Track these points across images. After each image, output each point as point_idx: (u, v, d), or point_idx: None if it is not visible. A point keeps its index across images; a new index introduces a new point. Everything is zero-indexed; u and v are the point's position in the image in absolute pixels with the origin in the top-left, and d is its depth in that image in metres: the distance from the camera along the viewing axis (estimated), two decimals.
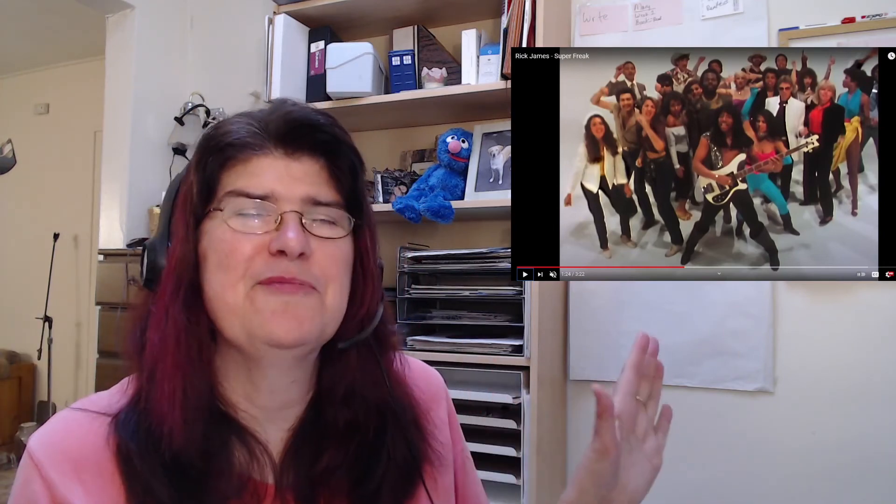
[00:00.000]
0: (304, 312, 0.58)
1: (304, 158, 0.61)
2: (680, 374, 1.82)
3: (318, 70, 2.05)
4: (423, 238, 2.08)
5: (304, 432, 0.63)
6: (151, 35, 2.45)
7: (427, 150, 2.17)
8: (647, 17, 1.93)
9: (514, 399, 1.65)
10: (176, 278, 0.59)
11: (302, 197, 0.59)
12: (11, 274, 4.42)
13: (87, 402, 0.61)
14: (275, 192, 0.58)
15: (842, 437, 1.67)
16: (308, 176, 0.60)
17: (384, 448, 0.64)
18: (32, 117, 4.48)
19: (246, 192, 0.58)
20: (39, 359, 3.77)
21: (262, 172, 0.59)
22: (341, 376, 0.64)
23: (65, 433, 0.57)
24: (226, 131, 0.60)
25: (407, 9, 2.03)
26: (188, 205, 0.61)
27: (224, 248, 0.58)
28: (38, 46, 4.13)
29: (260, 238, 0.58)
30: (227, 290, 0.58)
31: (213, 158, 0.60)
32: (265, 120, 0.61)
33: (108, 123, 2.42)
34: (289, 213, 0.58)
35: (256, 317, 0.57)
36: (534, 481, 1.61)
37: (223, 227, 0.58)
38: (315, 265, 0.59)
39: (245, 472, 0.59)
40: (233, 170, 0.60)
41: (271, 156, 0.60)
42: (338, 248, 0.61)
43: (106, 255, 2.22)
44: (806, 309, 1.73)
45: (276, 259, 0.57)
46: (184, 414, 0.56)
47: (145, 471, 0.55)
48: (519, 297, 1.70)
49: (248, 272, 0.57)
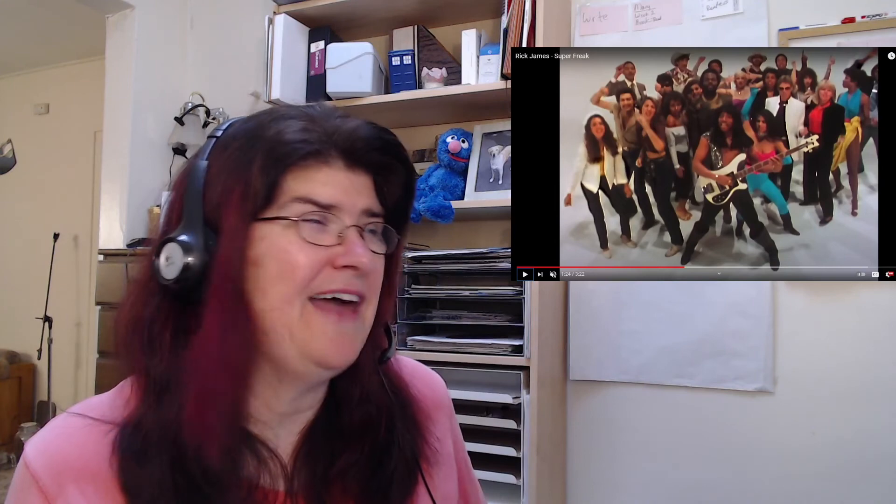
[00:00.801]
0: (355, 338, 0.60)
1: (361, 172, 0.62)
2: (680, 374, 1.82)
3: (318, 70, 2.05)
4: (423, 238, 2.08)
5: (318, 434, 0.63)
6: (151, 35, 2.45)
7: (427, 150, 2.17)
8: (647, 17, 1.93)
9: (514, 399, 1.65)
10: (234, 283, 0.56)
11: (362, 209, 0.60)
12: (11, 274, 4.42)
13: (85, 408, 0.58)
14: (340, 202, 0.59)
15: (842, 437, 1.67)
16: (364, 188, 0.62)
17: (395, 444, 0.65)
18: (32, 117, 4.48)
19: (313, 199, 0.58)
20: (39, 359, 3.76)
21: (328, 182, 0.59)
22: (357, 380, 0.64)
23: (62, 441, 0.55)
24: (290, 138, 0.58)
25: (407, 9, 2.03)
26: (247, 204, 0.56)
27: (288, 258, 0.56)
28: (38, 46, 4.13)
29: (326, 252, 0.57)
30: (285, 304, 0.56)
31: (277, 164, 0.57)
32: (330, 129, 0.60)
33: (108, 123, 2.42)
34: (352, 228, 0.59)
35: (312, 339, 0.57)
36: (534, 481, 1.61)
37: (287, 236, 0.57)
38: (365, 279, 0.60)
39: (255, 482, 0.58)
40: (295, 176, 0.58)
41: (335, 166, 0.60)
42: (380, 264, 0.63)
43: (106, 255, 2.22)
44: (806, 309, 1.73)
45: (340, 272, 0.58)
46: (221, 434, 0.54)
47: (153, 488, 0.53)
48: (519, 297, 1.70)
49: (310, 286, 0.57)
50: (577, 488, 1.94)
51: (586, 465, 1.93)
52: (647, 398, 1.87)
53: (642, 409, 1.88)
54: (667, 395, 1.85)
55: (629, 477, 1.89)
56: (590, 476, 1.93)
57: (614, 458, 1.90)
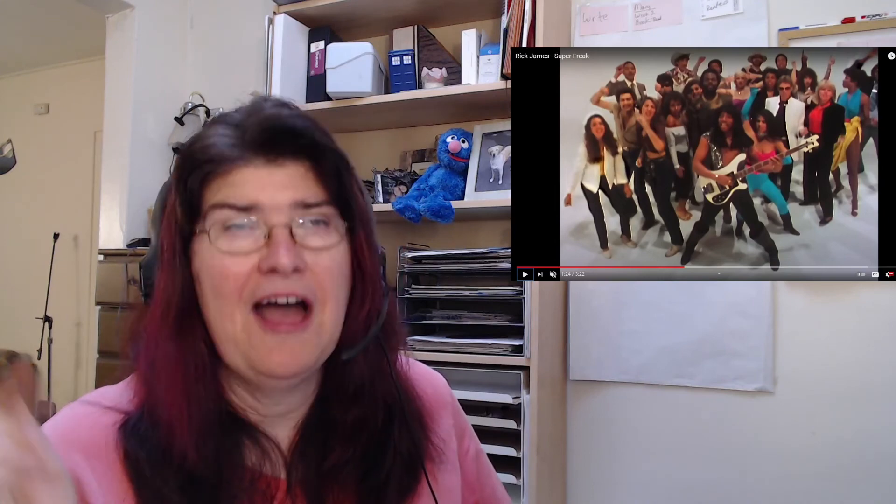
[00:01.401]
0: (299, 348, 0.57)
1: (286, 163, 0.58)
2: (680, 374, 1.82)
3: (318, 70, 2.05)
4: (423, 238, 2.08)
5: (311, 429, 0.63)
6: (151, 35, 2.45)
7: (427, 150, 2.17)
8: (647, 17, 1.92)
9: (514, 399, 1.65)
10: (164, 305, 0.57)
11: (289, 203, 0.57)
12: (11, 274, 4.42)
13: (98, 396, 0.60)
14: (259, 201, 0.56)
15: (842, 437, 1.67)
16: (293, 180, 0.58)
17: (391, 443, 0.64)
18: (32, 117, 4.47)
19: (228, 203, 0.56)
20: (39, 359, 3.76)
21: (243, 182, 0.57)
22: (350, 375, 0.63)
23: (74, 424, 0.57)
24: (203, 146, 0.58)
25: (407, 9, 2.03)
26: (173, 225, 0.58)
27: (214, 273, 0.56)
28: (38, 46, 4.13)
29: (249, 259, 0.56)
30: (226, 319, 0.56)
31: (194, 174, 0.57)
32: (242, 126, 0.58)
33: (108, 123, 2.42)
34: (278, 227, 0.56)
35: (253, 351, 0.56)
36: (534, 481, 1.61)
37: (212, 250, 0.56)
38: (311, 278, 0.57)
39: (257, 469, 0.59)
40: (214, 183, 0.57)
41: (252, 165, 0.57)
42: (332, 259, 0.59)
43: (106, 255, 2.22)
44: (806, 309, 1.73)
45: (269, 277, 0.55)
46: (192, 433, 0.55)
47: (157, 479, 0.54)
48: (519, 297, 1.70)
49: (243, 296, 0.56)
50: (577, 488, 1.94)
51: (586, 465, 1.93)
52: (647, 398, 1.87)
53: (642, 409, 1.88)
54: (667, 395, 1.85)
55: (629, 477, 1.89)
56: (590, 476, 1.93)
57: (614, 458, 1.90)
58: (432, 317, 1.90)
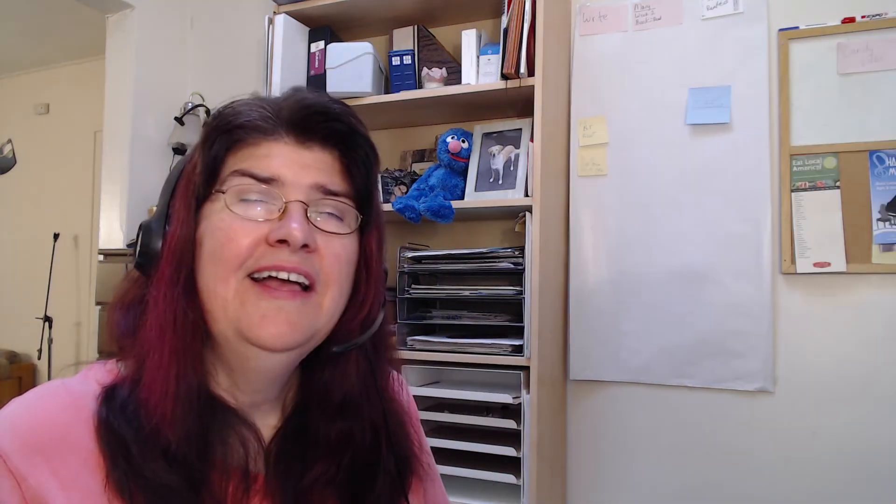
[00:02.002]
0: (296, 318, 0.55)
1: (315, 147, 0.58)
2: (680, 374, 1.82)
3: (318, 70, 2.05)
4: (423, 238, 2.08)
5: (292, 439, 0.61)
6: (151, 35, 2.45)
7: (427, 150, 2.17)
8: (647, 17, 1.92)
9: (514, 399, 1.65)
10: (176, 262, 0.56)
11: (310, 185, 0.57)
12: (11, 274, 4.42)
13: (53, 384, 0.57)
14: (282, 176, 0.56)
15: (842, 437, 1.67)
16: (319, 164, 0.58)
17: (379, 462, 0.62)
18: (32, 117, 4.47)
19: (251, 172, 0.56)
20: (39, 359, 3.76)
21: (270, 155, 0.56)
22: (339, 384, 0.61)
23: (30, 415, 0.53)
24: (237, 112, 0.58)
25: (407, 9, 2.03)
26: (191, 185, 0.57)
27: (220, 236, 0.55)
28: (38, 46, 4.13)
29: (260, 227, 0.55)
30: (219, 283, 0.54)
31: (221, 138, 0.57)
32: (279, 105, 0.58)
33: (108, 123, 2.42)
34: (294, 202, 0.55)
35: (245, 317, 0.54)
36: (534, 481, 1.61)
37: (223, 213, 0.55)
38: (318, 261, 0.56)
39: (236, 458, 0.57)
40: (240, 152, 0.57)
41: (282, 141, 0.57)
42: (343, 247, 0.58)
43: (106, 255, 2.22)
44: (806, 309, 1.73)
45: (276, 249, 0.54)
46: (175, 404, 0.53)
47: (137, 452, 0.52)
48: (519, 297, 1.70)
49: (244, 264, 0.54)
50: (577, 488, 1.94)
51: (586, 465, 1.93)
52: (647, 398, 1.87)
53: (642, 409, 1.88)
54: (667, 395, 1.85)
55: (629, 477, 1.89)
56: (590, 476, 1.93)
57: (614, 458, 1.90)
58: (432, 317, 1.89)
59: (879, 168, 1.67)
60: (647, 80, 1.91)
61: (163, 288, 0.55)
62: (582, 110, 1.98)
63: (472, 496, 1.66)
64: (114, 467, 0.52)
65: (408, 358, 1.78)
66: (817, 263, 1.70)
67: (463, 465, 1.68)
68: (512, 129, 1.88)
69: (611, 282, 1.91)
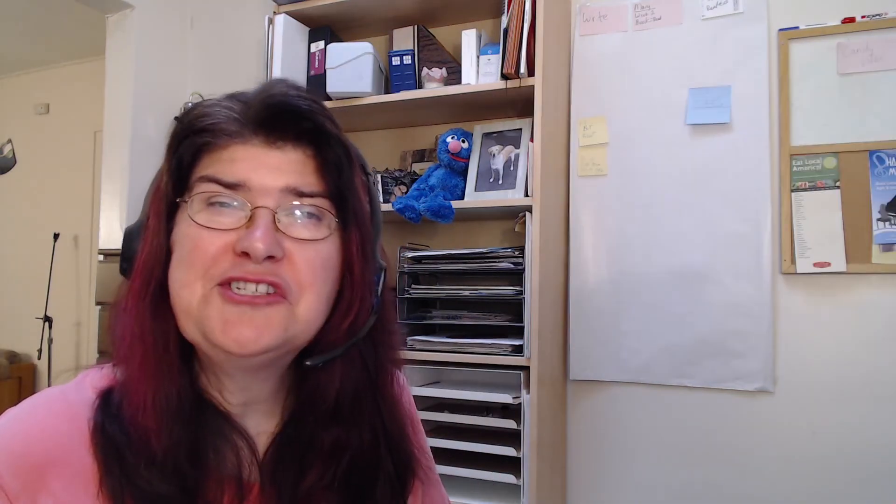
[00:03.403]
0: (261, 322, 0.52)
1: (286, 147, 0.55)
2: (680, 374, 1.82)
3: (318, 70, 2.05)
4: (423, 238, 2.08)
5: (288, 444, 0.59)
6: (151, 35, 2.44)
7: (427, 150, 2.17)
8: (647, 17, 1.92)
9: (514, 399, 1.65)
10: (146, 273, 0.55)
11: (281, 188, 0.54)
12: (11, 274, 4.42)
13: (42, 395, 0.57)
14: (249, 181, 0.53)
15: (842, 437, 1.67)
16: (290, 165, 0.55)
17: (378, 466, 0.61)
18: (32, 117, 4.47)
19: (216, 178, 0.53)
20: (39, 359, 3.77)
21: (237, 159, 0.54)
22: (326, 389, 0.58)
23: (23, 430, 0.52)
24: (202, 114, 0.55)
25: (407, 9, 2.03)
26: (159, 193, 0.56)
27: (187, 243, 0.53)
28: (38, 46, 4.13)
29: (226, 236, 0.52)
30: (184, 288, 0.53)
31: (186, 143, 0.55)
32: (248, 103, 0.56)
33: (108, 123, 2.42)
34: (261, 209, 0.53)
35: (209, 322, 0.52)
36: (534, 481, 1.61)
37: (189, 221, 0.53)
38: (288, 269, 0.53)
39: (234, 471, 0.56)
40: (207, 156, 0.55)
41: (249, 143, 0.55)
42: (317, 253, 0.55)
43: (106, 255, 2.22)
44: (806, 309, 1.73)
45: (242, 260, 0.52)
46: (156, 414, 0.52)
47: (130, 459, 0.52)
48: (519, 297, 1.70)
49: (209, 273, 0.52)
50: (577, 488, 1.94)
51: (586, 465, 1.93)
52: (647, 398, 1.87)
53: (642, 409, 1.88)
54: (667, 395, 1.85)
55: (629, 477, 1.89)
56: (590, 476, 1.93)
57: (614, 458, 1.90)
58: (432, 317, 1.89)
59: (879, 168, 1.67)
60: (647, 80, 1.91)
61: (131, 300, 0.55)
62: (582, 110, 1.98)
63: (472, 496, 1.66)
64: (108, 475, 0.51)
65: (408, 358, 1.78)
66: (817, 263, 1.70)
67: (463, 465, 1.68)
68: (512, 129, 1.88)
69: (611, 282, 1.91)
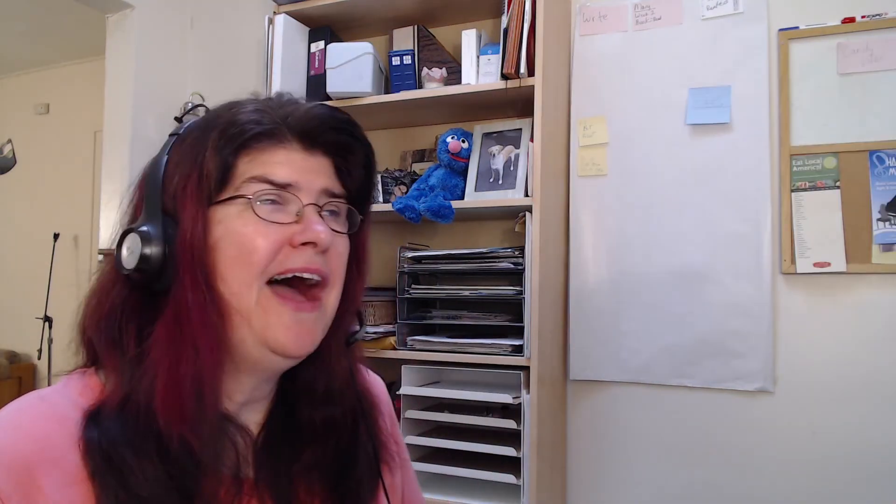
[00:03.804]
0: (313, 327, 0.59)
1: (318, 154, 0.62)
2: (680, 374, 1.82)
3: (318, 70, 2.05)
4: (423, 238, 2.08)
5: (279, 429, 0.63)
6: (151, 35, 2.44)
7: (427, 150, 2.17)
8: (647, 17, 1.92)
9: (514, 399, 1.65)
10: (197, 268, 0.55)
11: (320, 189, 0.60)
12: (11, 274, 4.42)
13: (34, 397, 0.57)
14: (297, 181, 0.59)
15: (842, 437, 1.67)
16: (322, 168, 0.62)
17: (360, 447, 0.66)
18: (32, 117, 4.48)
19: (269, 178, 0.58)
20: (39, 359, 3.76)
21: (283, 162, 0.59)
22: (322, 373, 0.64)
23: (12, 433, 0.52)
24: (247, 119, 0.58)
25: (407, 9, 2.03)
26: (202, 188, 0.56)
27: (244, 241, 0.56)
28: (38, 46, 4.13)
29: (282, 231, 0.57)
30: (244, 289, 0.55)
31: (230, 144, 0.57)
32: (283, 112, 0.61)
33: (108, 123, 2.42)
34: (310, 206, 0.59)
35: (268, 327, 0.56)
36: (534, 481, 1.61)
37: (244, 218, 0.56)
38: (330, 260, 0.60)
39: (232, 466, 0.58)
40: (249, 158, 0.58)
41: (290, 148, 0.60)
42: (344, 246, 0.63)
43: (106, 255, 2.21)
44: (806, 309, 1.73)
45: (301, 251, 0.57)
46: (196, 418, 0.53)
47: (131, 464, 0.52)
48: (519, 297, 1.70)
49: (269, 268, 0.56)
50: (577, 488, 1.94)
51: (586, 465, 1.93)
52: (647, 398, 1.87)
53: (642, 409, 1.88)
54: (667, 395, 1.85)
55: (629, 477, 1.89)
56: (590, 476, 1.93)
57: (614, 458, 1.90)
58: (432, 317, 1.89)
59: (879, 168, 1.67)
60: (647, 80, 1.91)
61: (189, 295, 0.54)
62: (582, 110, 1.98)
63: (472, 496, 1.66)
64: (97, 474, 0.51)
65: (408, 358, 1.78)
66: (817, 263, 1.70)
67: (463, 465, 1.68)
68: (512, 129, 1.88)
69: (611, 282, 1.91)
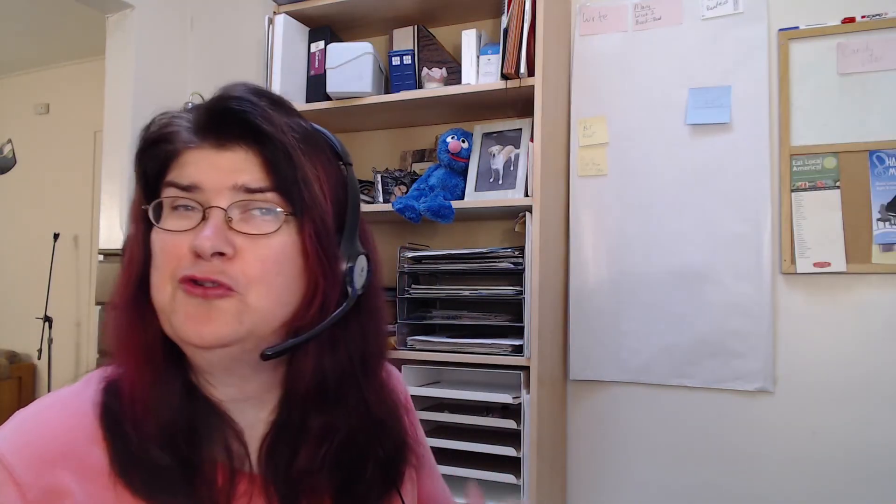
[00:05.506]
0: (216, 315, 0.56)
1: (235, 148, 0.58)
2: (680, 374, 1.82)
3: (318, 70, 2.05)
4: (423, 238, 2.08)
5: (280, 429, 0.63)
6: (151, 35, 2.44)
7: (427, 150, 2.17)
8: (647, 17, 1.92)
9: (514, 399, 1.65)
10: (126, 277, 0.60)
11: (230, 186, 0.57)
12: (11, 274, 4.42)
13: (53, 396, 0.60)
14: (201, 182, 0.57)
15: (842, 437, 1.67)
16: (239, 164, 0.58)
17: (370, 451, 0.64)
18: (32, 117, 4.47)
19: (174, 182, 0.58)
20: (39, 359, 3.77)
21: (190, 163, 0.58)
22: (302, 375, 0.61)
23: (36, 426, 0.56)
24: (161, 125, 0.60)
25: (407, 9, 2.03)
26: (135, 201, 0.61)
27: (156, 248, 0.58)
28: (38, 46, 4.13)
29: (186, 237, 0.56)
30: (158, 289, 0.57)
31: (150, 154, 0.60)
32: (199, 110, 0.61)
33: (108, 123, 2.42)
34: (213, 208, 0.56)
35: (175, 317, 0.56)
36: (534, 481, 1.61)
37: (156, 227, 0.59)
38: (238, 265, 0.56)
39: (226, 461, 0.59)
40: (172, 164, 0.59)
41: (201, 147, 0.59)
42: (269, 247, 0.57)
43: (106, 255, 2.22)
44: (806, 309, 1.73)
45: (196, 258, 0.55)
46: (149, 408, 0.56)
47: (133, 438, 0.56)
48: (519, 297, 1.70)
49: (174, 273, 0.56)
50: (577, 488, 1.94)
51: (586, 465, 1.93)
52: (647, 398, 1.87)
53: (642, 409, 1.88)
54: (667, 395, 1.85)
55: (629, 477, 1.89)
56: (590, 476, 1.93)
57: (614, 458, 1.90)
58: (432, 317, 1.89)
59: (879, 168, 1.67)
60: (647, 80, 1.91)
61: (117, 302, 0.60)
62: (582, 110, 1.98)
63: None
64: (115, 453, 0.55)
65: (408, 358, 1.78)
66: (817, 263, 1.70)
67: (463, 465, 1.68)
68: (512, 129, 1.88)
69: (611, 282, 1.91)
